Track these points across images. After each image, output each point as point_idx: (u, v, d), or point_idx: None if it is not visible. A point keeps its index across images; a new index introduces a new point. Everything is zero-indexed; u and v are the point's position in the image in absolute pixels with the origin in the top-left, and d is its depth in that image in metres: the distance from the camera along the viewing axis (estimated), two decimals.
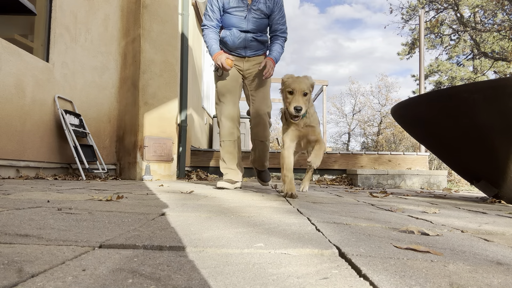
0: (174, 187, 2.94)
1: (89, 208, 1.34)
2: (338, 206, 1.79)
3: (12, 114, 3.29)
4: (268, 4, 2.83)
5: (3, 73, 3.18)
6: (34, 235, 0.84)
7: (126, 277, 0.57)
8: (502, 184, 2.48)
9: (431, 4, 17.46)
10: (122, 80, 4.81)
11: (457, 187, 6.36)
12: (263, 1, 2.82)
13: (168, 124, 4.68)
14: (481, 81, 2.53)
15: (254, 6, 2.80)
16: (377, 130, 24.68)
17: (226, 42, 2.87)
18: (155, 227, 1.01)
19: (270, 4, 2.84)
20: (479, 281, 0.62)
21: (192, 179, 5.01)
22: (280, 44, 2.90)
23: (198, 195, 2.16)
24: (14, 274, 0.56)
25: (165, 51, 4.71)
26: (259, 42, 2.90)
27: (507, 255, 0.83)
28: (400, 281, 0.59)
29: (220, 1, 2.82)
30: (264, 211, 1.46)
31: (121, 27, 4.85)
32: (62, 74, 4.01)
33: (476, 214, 1.69)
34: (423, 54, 6.74)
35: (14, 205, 1.35)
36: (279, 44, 2.90)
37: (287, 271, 0.64)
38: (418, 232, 1.06)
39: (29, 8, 2.33)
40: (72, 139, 3.90)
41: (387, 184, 5.21)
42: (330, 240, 0.91)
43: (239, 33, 2.83)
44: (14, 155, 3.32)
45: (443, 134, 2.69)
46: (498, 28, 15.93)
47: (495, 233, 1.15)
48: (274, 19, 2.88)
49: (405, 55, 19.30)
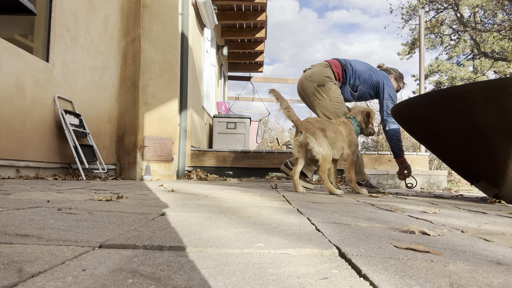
0: (174, 187, 2.94)
1: (89, 208, 1.34)
2: (338, 206, 1.79)
3: (12, 114, 3.29)
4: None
5: (3, 73, 3.18)
6: (34, 235, 0.84)
7: (126, 277, 0.57)
8: (502, 184, 2.48)
9: (431, 4, 17.46)
10: (122, 80, 4.81)
11: (457, 187, 6.36)
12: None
13: (168, 124, 4.68)
14: (481, 81, 2.53)
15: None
16: (377, 130, 24.69)
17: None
18: (155, 227, 1.01)
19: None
20: (479, 281, 0.62)
21: (192, 179, 5.01)
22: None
23: (198, 195, 2.16)
24: (14, 274, 0.56)
25: (165, 51, 4.71)
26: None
27: (507, 255, 0.83)
28: (400, 281, 0.59)
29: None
30: (264, 211, 1.46)
31: (121, 27, 4.85)
32: (62, 74, 4.01)
33: (476, 214, 1.69)
34: (423, 54, 6.74)
35: (14, 205, 1.35)
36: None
37: (287, 271, 0.64)
38: (419, 232, 1.06)
39: (29, 8, 2.33)
40: (72, 139, 3.90)
41: (387, 184, 5.21)
42: (330, 240, 0.91)
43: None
44: (14, 155, 3.32)
45: (443, 134, 2.69)
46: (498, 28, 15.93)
47: (495, 233, 1.15)
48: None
49: (405, 55, 19.30)
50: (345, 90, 3.38)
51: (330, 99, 3.24)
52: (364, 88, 3.37)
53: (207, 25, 7.21)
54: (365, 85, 3.36)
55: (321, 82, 3.27)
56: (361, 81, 3.35)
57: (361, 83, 3.35)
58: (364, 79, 3.35)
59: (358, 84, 3.35)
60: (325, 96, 3.25)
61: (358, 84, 3.35)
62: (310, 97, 3.34)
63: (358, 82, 3.35)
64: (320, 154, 2.69)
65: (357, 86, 3.36)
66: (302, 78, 3.41)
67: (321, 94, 3.26)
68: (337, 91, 3.29)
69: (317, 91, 3.27)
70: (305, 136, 2.73)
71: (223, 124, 7.81)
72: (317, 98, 3.28)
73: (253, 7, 8.67)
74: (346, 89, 3.37)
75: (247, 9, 8.77)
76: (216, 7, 8.05)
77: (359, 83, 3.35)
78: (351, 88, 3.36)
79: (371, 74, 3.37)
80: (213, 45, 8.72)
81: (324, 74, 3.28)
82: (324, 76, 3.27)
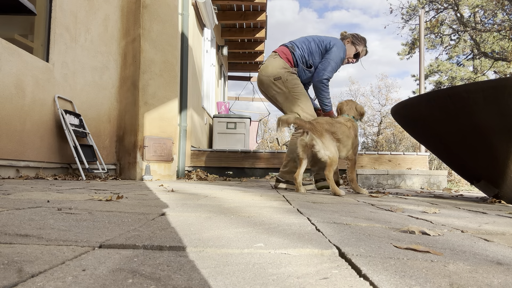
0: (174, 187, 2.94)
1: (89, 208, 1.34)
2: (338, 206, 1.79)
3: (12, 114, 3.29)
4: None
5: (3, 73, 3.18)
6: (34, 235, 0.84)
7: (126, 277, 0.57)
8: (502, 184, 2.48)
9: (431, 4, 17.47)
10: (122, 80, 4.81)
11: (457, 187, 6.36)
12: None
13: (168, 124, 4.68)
14: (481, 81, 2.53)
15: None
16: (377, 130, 24.68)
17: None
18: (155, 227, 1.01)
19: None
20: (479, 281, 0.62)
21: (192, 179, 5.01)
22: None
23: (198, 195, 2.16)
24: (14, 274, 0.56)
25: (165, 51, 4.71)
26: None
27: (507, 255, 0.83)
28: (400, 281, 0.59)
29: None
30: (264, 211, 1.46)
31: (121, 27, 4.85)
32: (62, 74, 4.01)
33: (476, 214, 1.69)
34: (423, 54, 6.74)
35: (14, 205, 1.35)
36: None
37: (287, 271, 0.64)
38: (419, 232, 1.06)
39: (29, 8, 2.33)
40: (72, 139, 3.90)
41: (387, 184, 5.21)
42: (330, 240, 0.91)
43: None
44: (14, 155, 3.32)
45: (443, 134, 2.69)
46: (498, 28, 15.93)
47: (495, 233, 1.15)
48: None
49: (405, 55, 19.31)
50: (300, 71, 3.32)
51: (289, 91, 3.21)
52: (316, 60, 3.29)
53: (207, 25, 7.21)
54: (316, 56, 3.28)
55: (276, 75, 3.22)
56: (311, 55, 3.28)
57: (311, 57, 3.28)
58: (312, 51, 3.27)
59: (309, 59, 3.28)
60: (284, 88, 3.22)
61: (309, 59, 3.28)
62: (270, 93, 3.31)
63: (309, 57, 3.28)
64: (327, 157, 2.65)
65: (308, 61, 3.29)
66: (259, 75, 3.37)
67: (279, 87, 3.22)
68: (294, 80, 3.24)
69: (275, 85, 3.24)
70: (311, 138, 2.68)
71: (223, 124, 7.81)
72: (276, 92, 3.25)
73: (253, 7, 8.67)
74: (301, 70, 3.31)
75: (247, 9, 8.77)
76: (216, 7, 8.05)
77: (310, 57, 3.28)
78: (305, 66, 3.30)
79: (319, 43, 3.29)
80: (213, 45, 8.72)
81: (277, 67, 3.24)
82: (278, 68, 3.23)
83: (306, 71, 3.32)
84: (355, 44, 3.41)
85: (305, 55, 3.28)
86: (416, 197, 2.91)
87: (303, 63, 3.29)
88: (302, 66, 3.30)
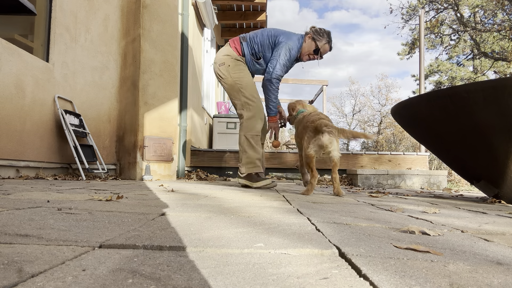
0: (174, 187, 2.94)
1: (89, 208, 1.34)
2: (338, 206, 1.79)
3: (12, 114, 3.29)
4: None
5: (3, 73, 3.18)
6: (34, 235, 0.84)
7: (126, 277, 0.57)
8: (502, 184, 2.48)
9: (431, 4, 17.47)
10: (122, 80, 4.81)
11: (457, 187, 6.36)
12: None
13: (168, 124, 4.68)
14: (481, 81, 2.53)
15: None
16: (377, 130, 24.69)
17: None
18: (155, 227, 1.01)
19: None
20: (479, 281, 0.62)
21: (192, 179, 5.01)
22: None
23: (198, 195, 2.16)
24: (14, 274, 0.56)
25: (165, 51, 4.71)
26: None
27: (507, 255, 0.83)
28: (400, 281, 0.59)
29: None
30: (264, 211, 1.46)
31: (121, 27, 4.85)
32: (62, 74, 4.01)
33: (476, 214, 1.69)
34: (423, 54, 6.74)
35: (14, 205, 1.35)
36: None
37: (287, 271, 0.64)
38: (419, 232, 1.06)
39: (29, 8, 2.33)
40: (72, 139, 3.90)
41: (387, 184, 5.21)
42: (330, 240, 0.91)
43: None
44: (14, 155, 3.32)
45: (443, 134, 2.69)
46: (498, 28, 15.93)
47: (495, 233, 1.15)
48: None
49: (405, 55, 19.32)
50: (248, 62, 3.33)
51: (231, 76, 3.24)
52: (267, 54, 3.29)
53: (207, 25, 7.21)
54: (267, 50, 3.29)
55: (220, 61, 3.29)
56: (261, 47, 3.29)
57: (262, 50, 3.29)
58: (263, 45, 3.28)
59: (259, 52, 3.29)
60: (226, 74, 3.26)
61: (259, 51, 3.29)
62: (219, 80, 3.37)
63: (259, 50, 3.29)
64: (337, 158, 2.56)
65: (258, 53, 3.30)
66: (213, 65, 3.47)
67: (223, 72, 3.27)
68: (237, 67, 3.27)
69: (220, 70, 3.30)
70: (330, 140, 2.49)
71: (223, 124, 7.80)
72: (221, 77, 3.30)
73: (253, 7, 8.67)
74: (249, 60, 3.33)
75: (247, 9, 8.77)
76: (216, 7, 8.05)
77: (261, 50, 3.29)
78: (254, 57, 3.31)
79: (271, 37, 3.28)
80: (213, 45, 8.72)
81: (222, 53, 3.31)
82: (222, 55, 3.30)
83: (254, 62, 3.35)
84: (316, 39, 3.31)
85: (254, 47, 3.30)
86: (416, 197, 2.91)
87: (252, 54, 3.32)
88: (250, 56, 3.33)
